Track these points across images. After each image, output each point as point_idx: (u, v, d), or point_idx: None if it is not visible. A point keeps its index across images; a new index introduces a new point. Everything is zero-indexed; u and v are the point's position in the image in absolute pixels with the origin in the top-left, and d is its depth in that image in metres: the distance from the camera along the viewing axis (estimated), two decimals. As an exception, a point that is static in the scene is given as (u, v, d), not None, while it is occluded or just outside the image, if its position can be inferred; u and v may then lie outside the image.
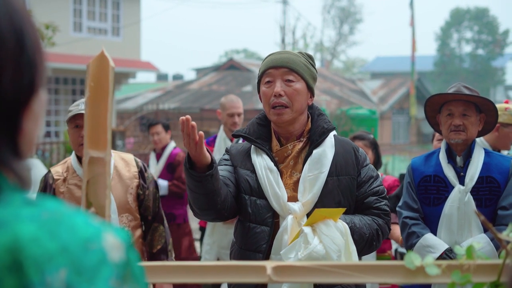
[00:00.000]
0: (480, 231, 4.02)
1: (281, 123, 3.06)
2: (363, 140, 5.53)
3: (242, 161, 3.14)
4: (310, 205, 2.99)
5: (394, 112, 37.77)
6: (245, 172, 3.09)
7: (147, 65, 24.26)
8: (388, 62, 57.97)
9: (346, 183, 3.07)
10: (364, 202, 3.11)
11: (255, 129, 3.16)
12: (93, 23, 22.27)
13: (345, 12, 52.81)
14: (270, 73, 3.07)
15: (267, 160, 3.06)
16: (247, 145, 3.21)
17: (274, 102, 3.02)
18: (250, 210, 3.03)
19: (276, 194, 2.98)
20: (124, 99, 32.13)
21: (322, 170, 3.02)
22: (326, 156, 3.05)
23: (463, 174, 4.09)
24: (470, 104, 4.09)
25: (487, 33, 55.63)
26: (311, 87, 3.15)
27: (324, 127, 3.12)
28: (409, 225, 4.16)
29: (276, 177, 3.02)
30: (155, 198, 3.98)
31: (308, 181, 3.00)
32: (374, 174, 3.18)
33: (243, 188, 3.07)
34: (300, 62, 3.09)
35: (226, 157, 3.22)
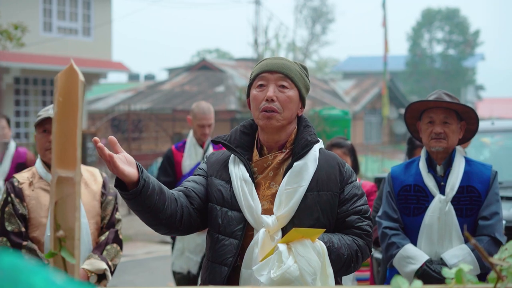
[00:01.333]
0: (461, 242, 3.96)
1: (269, 128, 2.94)
2: (341, 148, 5.43)
3: (219, 171, 3.03)
4: (285, 219, 2.86)
5: (366, 112, 37.80)
6: (219, 183, 2.98)
7: (118, 65, 23.99)
8: (360, 62, 57.98)
9: (327, 200, 2.93)
10: (345, 220, 2.97)
11: (236, 137, 3.04)
12: (63, 23, 21.94)
13: (317, 12, 52.77)
14: (264, 77, 2.96)
15: (243, 170, 2.94)
16: (228, 153, 3.09)
17: (265, 106, 2.91)
18: (220, 221, 2.92)
19: (250, 206, 2.87)
20: (95, 100, 31.77)
21: (301, 183, 2.89)
22: (307, 170, 2.93)
23: (443, 184, 4.02)
24: (451, 111, 4.01)
25: (458, 33, 55.89)
26: (303, 97, 3.03)
27: (308, 139, 2.99)
28: (389, 235, 4.07)
29: (251, 189, 2.90)
30: (113, 208, 4.07)
31: (285, 195, 2.87)
32: (358, 192, 3.02)
33: (215, 198, 2.96)
34: (295, 70, 3.00)
35: (202, 166, 3.12)
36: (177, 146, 6.48)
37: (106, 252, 3.93)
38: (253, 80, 3.01)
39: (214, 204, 2.96)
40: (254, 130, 3.09)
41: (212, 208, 2.96)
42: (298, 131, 3.05)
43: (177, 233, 2.94)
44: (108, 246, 3.93)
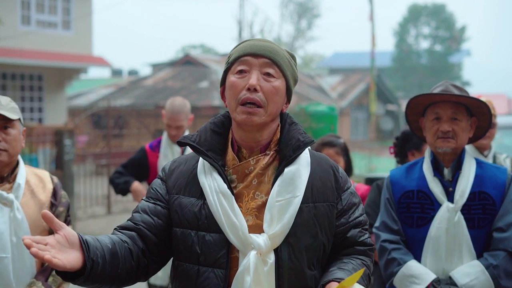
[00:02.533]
0: (472, 257, 3.47)
1: (249, 126, 2.42)
2: (334, 147, 4.87)
3: (187, 186, 2.48)
4: (279, 238, 2.36)
5: (352, 109, 37.48)
6: (189, 202, 2.44)
7: (99, 60, 23.64)
8: (346, 58, 58.05)
9: (325, 212, 2.46)
10: (346, 237, 2.51)
11: (207, 137, 2.50)
12: (42, 16, 21.46)
13: (303, 7, 52.47)
14: (246, 60, 2.44)
15: (218, 180, 2.41)
16: (194, 159, 2.55)
17: (245, 97, 2.39)
18: (199, 249, 2.39)
19: (233, 224, 2.35)
20: (76, 96, 31.35)
21: (295, 193, 2.40)
22: (300, 177, 2.43)
23: (452, 190, 3.52)
24: (460, 106, 3.50)
25: (444, 29, 56.47)
26: (290, 90, 2.52)
27: (300, 139, 2.47)
28: (389, 250, 3.55)
29: (231, 202, 2.37)
30: (64, 222, 3.44)
31: (277, 208, 2.37)
32: (356, 201, 2.57)
33: (187, 222, 2.42)
34: (284, 56, 2.49)
35: (157, 185, 2.56)
36: (151, 145, 5.95)
37: (52, 278, 3.35)
38: (232, 64, 2.48)
39: (187, 229, 2.43)
40: (227, 128, 2.56)
41: (185, 234, 2.43)
42: (283, 129, 2.53)
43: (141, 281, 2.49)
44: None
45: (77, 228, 13.46)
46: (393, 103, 41.84)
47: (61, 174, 13.30)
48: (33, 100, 21.66)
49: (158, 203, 2.48)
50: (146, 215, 2.46)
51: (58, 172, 13.39)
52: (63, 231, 2.13)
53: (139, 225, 2.43)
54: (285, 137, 2.49)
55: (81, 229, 13.46)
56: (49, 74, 21.83)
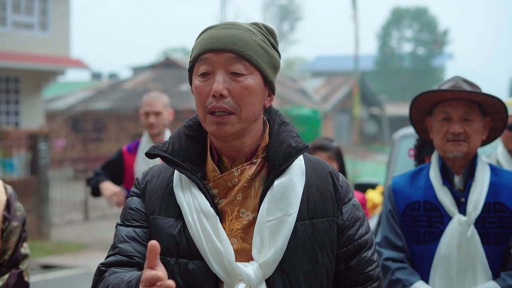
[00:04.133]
0: (488, 278, 3.05)
1: (224, 137, 2.01)
2: (327, 151, 4.44)
3: (162, 204, 2.06)
4: (272, 266, 1.96)
5: (336, 112, 37.21)
6: (166, 222, 2.03)
7: (77, 62, 23.21)
8: (329, 61, 58.08)
9: (324, 230, 2.05)
10: (350, 265, 2.08)
11: (182, 145, 2.07)
12: (18, 17, 20.93)
13: (285, 9, 52.32)
14: (207, 59, 2.01)
15: (199, 197, 1.99)
16: (168, 170, 2.13)
17: (212, 106, 1.98)
18: (181, 280, 1.97)
19: (217, 251, 1.94)
20: (54, 99, 30.91)
21: (289, 211, 1.99)
22: (294, 189, 2.02)
23: (464, 200, 3.10)
24: (473, 104, 3.08)
25: (426, 32, 56.98)
26: (270, 81, 2.07)
27: (292, 145, 2.04)
28: (392, 269, 3.13)
29: (215, 224, 1.97)
30: (18, 239, 3.00)
31: (268, 229, 1.96)
32: (360, 214, 2.15)
33: (165, 248, 1.99)
34: (254, 43, 2.02)
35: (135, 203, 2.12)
36: (129, 147, 5.64)
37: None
38: (194, 63, 2.06)
39: (165, 256, 1.99)
40: (204, 132, 2.12)
41: (163, 262, 1.94)
42: (272, 132, 2.09)
43: None
44: None
45: (52, 235, 13.06)
46: (377, 106, 41.62)
47: (36, 179, 12.94)
48: (9, 103, 21.13)
49: (145, 224, 2.07)
50: (136, 243, 2.03)
51: (33, 177, 13.00)
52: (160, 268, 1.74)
53: (134, 257, 2.00)
54: (274, 142, 2.06)
55: (57, 236, 13.09)
56: (26, 77, 21.32)
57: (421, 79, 52.75)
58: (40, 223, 12.83)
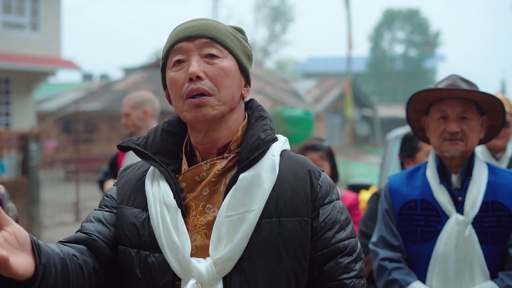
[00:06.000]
0: (485, 277, 3.01)
1: (203, 122, 1.95)
2: (318, 151, 4.40)
3: (131, 194, 2.04)
4: (228, 263, 1.87)
5: (328, 113, 37.20)
6: (132, 213, 1.99)
7: (68, 63, 23.06)
8: (321, 63, 58.08)
9: (293, 230, 1.93)
10: (323, 270, 1.97)
11: (156, 138, 2.06)
12: (9, 17, 20.83)
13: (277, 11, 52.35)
14: (180, 48, 1.98)
15: (164, 189, 1.95)
16: (147, 165, 2.10)
17: (190, 89, 1.93)
18: (139, 272, 1.93)
19: (174, 244, 1.88)
20: (45, 100, 30.77)
21: (251, 207, 1.89)
22: (260, 185, 1.92)
23: (461, 199, 3.06)
24: (470, 103, 3.04)
25: (418, 33, 57.12)
26: (246, 69, 2.05)
27: (260, 137, 1.97)
28: (389, 270, 3.08)
29: (175, 217, 1.91)
30: None
31: (226, 225, 1.88)
32: (342, 218, 2.01)
33: (127, 237, 1.97)
34: (225, 30, 2.02)
35: (112, 191, 2.13)
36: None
37: None
38: (167, 58, 2.03)
39: (127, 247, 1.96)
40: (185, 128, 2.10)
41: (125, 253, 1.96)
42: (249, 124, 2.06)
43: None
44: None
45: (43, 237, 12.98)
46: (369, 108, 41.63)
47: (27, 180, 12.85)
48: (-1, 104, 21.04)
49: (114, 211, 2.05)
50: (101, 224, 2.01)
51: (23, 178, 12.92)
52: (11, 227, 1.63)
53: (93, 235, 1.96)
54: (247, 135, 2.00)
55: (48, 238, 13.00)
56: (17, 77, 21.20)
57: (413, 80, 52.83)
58: (31, 224, 12.75)
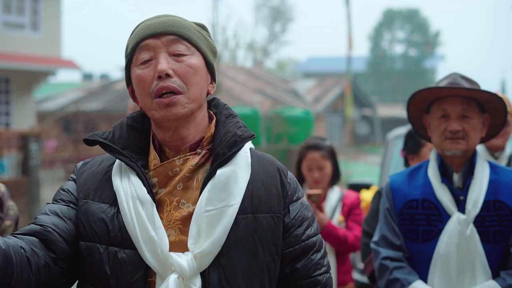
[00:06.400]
0: (487, 277, 2.99)
1: (173, 121, 1.96)
2: (319, 151, 4.39)
3: (97, 189, 2.00)
4: (208, 258, 1.88)
5: (328, 113, 37.18)
6: (99, 208, 1.96)
7: (68, 63, 23.04)
8: (321, 62, 58.05)
9: (268, 226, 1.98)
10: (297, 267, 2.03)
11: (123, 133, 2.04)
12: (9, 17, 20.80)
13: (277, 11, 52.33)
14: (147, 45, 1.97)
15: (136, 184, 1.94)
16: (110, 160, 2.08)
17: (159, 87, 1.93)
18: (109, 269, 1.90)
19: (151, 239, 1.88)
20: (45, 99, 30.76)
21: (230, 202, 1.93)
22: (237, 181, 1.96)
23: (463, 198, 3.04)
24: (471, 101, 3.03)
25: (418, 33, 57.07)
26: (212, 65, 2.06)
27: (237, 133, 2.01)
28: (390, 269, 3.07)
29: (151, 212, 1.90)
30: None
31: (206, 220, 1.89)
32: (309, 214, 2.09)
33: (95, 233, 1.93)
34: (191, 27, 2.03)
35: (68, 185, 2.07)
36: None
37: None
38: (132, 55, 2.01)
39: (95, 243, 1.93)
40: (148, 124, 2.09)
41: (92, 249, 1.93)
42: (219, 123, 2.07)
43: None
44: None
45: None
46: (369, 108, 41.61)
47: (27, 180, 12.85)
48: (0, 103, 21.00)
49: (71, 205, 2.00)
50: (57, 217, 1.96)
51: (24, 177, 12.92)
52: None
53: (48, 227, 1.91)
54: (219, 132, 2.02)
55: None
56: (17, 77, 21.19)
57: (413, 80, 52.84)
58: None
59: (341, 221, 4.35)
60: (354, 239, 4.26)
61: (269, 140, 22.31)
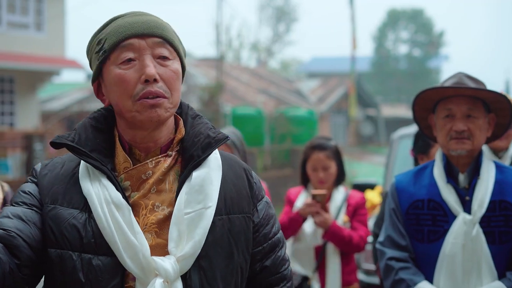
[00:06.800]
0: (493, 277, 2.97)
1: (154, 123, 1.93)
2: (324, 151, 4.38)
3: (65, 194, 1.92)
4: (189, 261, 1.87)
5: (332, 113, 37.14)
6: (69, 213, 1.89)
7: (72, 63, 22.99)
8: (324, 62, 57.96)
9: (241, 226, 2.01)
10: (266, 265, 2.07)
11: (88, 135, 1.97)
12: (13, 17, 20.78)
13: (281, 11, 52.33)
14: (131, 45, 1.92)
15: (110, 188, 1.89)
16: (73, 162, 1.99)
17: (147, 91, 1.89)
18: (83, 277, 1.85)
19: (130, 245, 1.84)
20: (49, 99, 30.74)
21: (207, 204, 1.93)
22: (212, 183, 1.97)
23: (468, 199, 3.02)
24: (477, 101, 3.01)
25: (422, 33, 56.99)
26: (184, 69, 2.05)
27: (210, 135, 2.01)
28: (396, 269, 3.05)
29: (128, 216, 1.87)
30: None
31: (186, 222, 1.88)
32: (272, 212, 2.14)
33: (67, 240, 1.86)
34: (172, 30, 2.02)
35: (30, 188, 1.96)
36: None
37: None
38: (110, 52, 1.93)
39: (67, 250, 1.86)
40: (110, 124, 2.03)
41: (63, 257, 1.87)
42: (186, 123, 2.06)
43: None
44: None
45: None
46: (373, 108, 41.57)
47: (30, 180, 12.85)
48: (4, 103, 21.00)
49: (35, 209, 1.91)
50: (21, 221, 1.87)
51: (27, 178, 12.92)
52: None
53: (11, 232, 1.83)
54: (189, 134, 2.01)
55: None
56: (21, 77, 21.18)
57: (417, 80, 52.71)
58: (35, 224, 12.77)
59: (346, 221, 4.34)
60: (359, 240, 4.26)
61: (273, 140, 22.29)
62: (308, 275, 4.28)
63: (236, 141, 4.48)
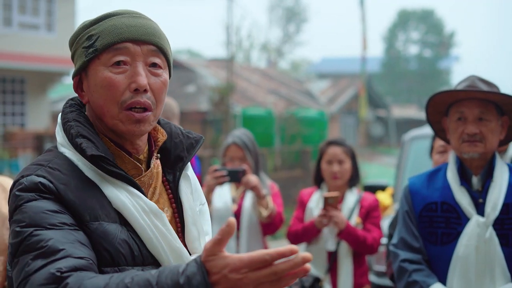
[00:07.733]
0: (506, 280, 2.97)
1: (139, 136, 1.90)
2: (341, 146, 4.44)
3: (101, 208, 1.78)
4: None
5: (342, 114, 37.08)
6: (115, 228, 1.78)
7: (83, 63, 22.90)
8: (335, 63, 57.80)
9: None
10: None
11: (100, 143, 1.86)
12: (24, 18, 20.84)
13: (291, 11, 52.31)
14: (125, 49, 1.85)
15: (142, 197, 1.83)
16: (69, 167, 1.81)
17: (135, 101, 1.83)
18: None
19: (175, 249, 1.84)
20: (60, 100, 30.78)
21: (202, 200, 2.09)
22: (196, 181, 2.11)
23: (482, 201, 3.03)
24: (489, 104, 3.01)
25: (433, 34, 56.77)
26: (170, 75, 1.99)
27: (190, 136, 2.08)
28: (409, 271, 3.05)
29: (165, 223, 1.84)
30: None
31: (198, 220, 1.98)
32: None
33: (123, 256, 1.77)
34: (166, 37, 1.96)
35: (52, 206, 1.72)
36: None
37: None
38: (103, 51, 1.85)
39: (123, 266, 1.76)
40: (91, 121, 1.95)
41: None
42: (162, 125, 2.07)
43: None
44: None
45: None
46: (383, 109, 41.48)
47: (42, 181, 12.89)
48: (15, 104, 21.07)
49: (77, 228, 1.73)
50: (82, 245, 1.69)
51: (39, 178, 12.96)
52: None
53: (89, 260, 1.67)
54: (173, 135, 2.06)
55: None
56: (32, 78, 21.26)
57: (428, 81, 52.63)
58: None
59: (358, 223, 4.35)
60: (372, 241, 4.26)
61: (283, 141, 22.26)
62: (320, 277, 4.29)
63: (248, 142, 4.50)
